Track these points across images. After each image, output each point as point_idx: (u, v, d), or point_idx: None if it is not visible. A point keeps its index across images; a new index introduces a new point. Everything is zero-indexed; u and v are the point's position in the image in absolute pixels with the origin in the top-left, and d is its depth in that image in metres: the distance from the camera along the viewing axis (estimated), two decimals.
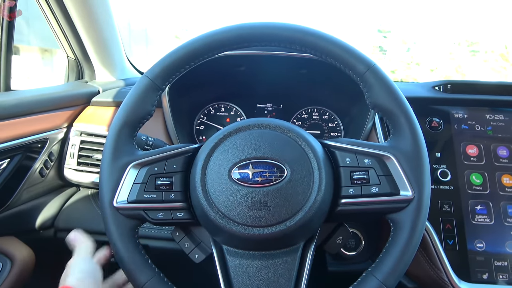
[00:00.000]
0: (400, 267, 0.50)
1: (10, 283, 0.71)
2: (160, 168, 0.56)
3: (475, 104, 0.85)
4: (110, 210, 0.54)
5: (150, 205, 0.55)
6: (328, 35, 0.56)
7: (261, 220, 0.50)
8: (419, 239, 0.52)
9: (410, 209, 0.52)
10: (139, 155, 0.57)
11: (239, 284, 0.53)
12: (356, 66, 0.55)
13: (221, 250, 0.55)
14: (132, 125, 0.57)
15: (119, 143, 0.56)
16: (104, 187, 0.55)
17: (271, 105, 1.06)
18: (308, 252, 0.55)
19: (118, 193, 0.55)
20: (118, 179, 0.55)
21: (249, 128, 0.56)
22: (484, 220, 0.75)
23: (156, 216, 0.55)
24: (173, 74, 0.58)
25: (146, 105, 0.58)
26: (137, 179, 0.55)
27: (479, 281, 0.72)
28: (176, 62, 0.57)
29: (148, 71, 0.58)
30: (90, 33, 1.03)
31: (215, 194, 0.52)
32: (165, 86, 0.59)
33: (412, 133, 0.54)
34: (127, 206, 0.54)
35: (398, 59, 10.93)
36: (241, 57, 0.88)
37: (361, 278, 0.52)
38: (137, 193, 0.55)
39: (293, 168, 0.52)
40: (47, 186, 0.90)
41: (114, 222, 0.54)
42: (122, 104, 0.58)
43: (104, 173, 0.56)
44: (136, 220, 0.55)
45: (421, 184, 0.52)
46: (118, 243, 0.54)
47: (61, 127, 0.91)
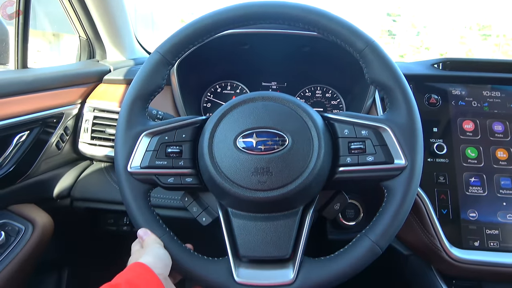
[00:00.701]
0: (392, 229, 0.54)
1: (33, 245, 0.76)
2: (170, 137, 0.60)
3: (473, 82, 0.86)
4: (124, 174, 0.59)
5: (161, 170, 0.59)
6: (330, 14, 0.59)
7: (264, 184, 0.54)
8: (410, 205, 0.55)
9: (403, 177, 0.55)
10: (151, 125, 0.61)
11: (243, 243, 0.57)
12: (356, 42, 0.58)
13: (227, 212, 0.60)
14: (144, 98, 0.61)
15: (132, 114, 0.61)
16: (119, 154, 0.60)
17: (276, 83, 1.09)
18: (307, 215, 0.59)
19: (132, 159, 0.59)
20: (132, 147, 0.59)
21: (253, 100, 0.59)
22: (477, 191, 0.78)
23: (167, 181, 0.59)
24: (183, 49, 0.61)
25: (157, 79, 0.61)
26: (149, 147, 0.60)
27: (470, 247, 0.75)
28: (186, 38, 0.61)
29: (159, 46, 0.61)
30: (101, 13, 1.06)
31: (221, 161, 0.56)
32: (175, 61, 0.62)
33: (407, 107, 0.57)
34: (140, 171, 0.59)
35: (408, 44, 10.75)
36: (245, 35, 0.91)
37: (355, 239, 0.56)
38: (149, 159, 0.59)
39: (294, 138, 0.56)
40: (63, 158, 0.95)
41: (128, 185, 0.59)
42: (135, 78, 0.62)
43: (119, 141, 0.60)
44: (148, 184, 0.60)
45: (413, 154, 0.56)
46: (132, 204, 0.59)
47: (75, 103, 0.95)
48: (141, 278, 0.49)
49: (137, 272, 0.49)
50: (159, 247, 0.56)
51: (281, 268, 0.56)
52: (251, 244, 0.57)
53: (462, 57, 0.89)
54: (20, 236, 0.76)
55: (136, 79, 0.61)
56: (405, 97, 0.57)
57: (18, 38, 0.88)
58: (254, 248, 0.57)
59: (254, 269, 0.57)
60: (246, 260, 0.58)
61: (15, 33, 0.89)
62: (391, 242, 0.56)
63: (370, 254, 0.54)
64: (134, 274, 0.49)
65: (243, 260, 0.58)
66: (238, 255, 0.58)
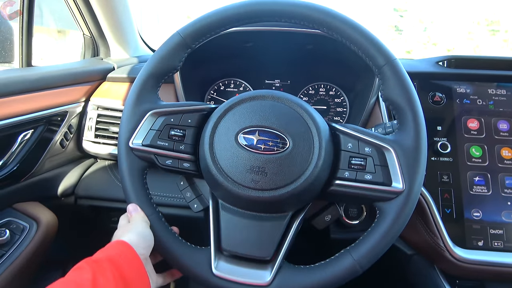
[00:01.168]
0: (375, 252, 0.54)
1: (37, 243, 0.77)
2: (176, 120, 0.61)
3: (478, 79, 0.85)
4: (125, 148, 0.60)
5: (162, 151, 0.60)
6: (354, 22, 0.58)
7: (257, 183, 0.54)
8: (399, 230, 0.55)
9: (397, 201, 0.54)
10: (160, 104, 0.62)
11: (226, 237, 0.58)
12: (377, 57, 0.57)
13: (217, 204, 0.60)
14: (158, 76, 0.62)
15: (143, 91, 0.61)
16: (123, 127, 0.61)
17: (279, 81, 1.08)
18: (295, 222, 0.59)
19: (135, 135, 0.60)
20: (137, 123, 0.60)
21: (263, 98, 0.59)
22: (481, 190, 0.78)
23: (165, 162, 0.60)
24: (204, 35, 0.62)
25: (174, 60, 0.62)
26: (153, 126, 0.61)
27: (474, 247, 0.74)
28: (208, 25, 0.61)
29: (181, 29, 0.62)
30: (105, 11, 1.06)
31: (220, 153, 0.56)
32: (194, 45, 0.62)
33: (416, 131, 0.56)
34: (141, 148, 0.60)
35: (414, 39, 10.65)
36: (248, 33, 0.90)
37: (339, 254, 0.56)
38: (151, 138, 0.60)
39: (296, 142, 0.55)
40: (67, 156, 0.96)
41: (127, 159, 0.60)
42: (152, 56, 0.62)
43: (126, 114, 0.61)
44: (147, 162, 0.61)
45: (413, 180, 0.54)
46: (127, 179, 0.60)
47: (79, 101, 0.95)
48: (123, 256, 0.49)
49: (120, 250, 0.50)
50: (145, 226, 0.56)
51: (259, 269, 0.57)
52: (234, 239, 0.58)
53: (467, 55, 0.88)
54: (24, 234, 0.77)
55: (153, 57, 0.62)
56: (415, 119, 0.56)
57: (23, 36, 0.89)
58: (237, 244, 0.57)
59: (233, 265, 0.57)
60: (227, 254, 0.58)
61: (20, 32, 0.89)
62: (385, 250, 0.55)
63: (349, 272, 0.54)
64: (116, 252, 0.50)
65: (224, 254, 0.59)
66: (220, 248, 0.58)
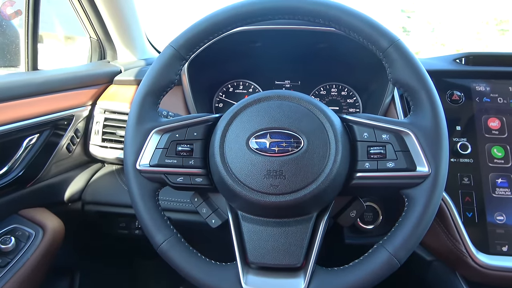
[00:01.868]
0: (412, 241, 0.51)
1: (43, 250, 0.75)
2: (181, 135, 0.58)
3: (498, 77, 0.82)
4: (133, 172, 0.58)
5: (171, 169, 0.57)
6: (352, 9, 0.56)
7: (276, 188, 0.52)
8: (432, 215, 0.52)
9: (425, 185, 0.52)
10: (162, 121, 0.59)
11: (252, 248, 0.55)
12: (379, 41, 0.55)
13: (237, 216, 0.57)
14: (156, 93, 0.60)
15: (143, 110, 0.59)
16: (128, 150, 0.58)
17: (289, 81, 1.06)
18: (321, 222, 0.56)
19: (141, 157, 0.57)
20: (142, 143, 0.58)
21: (268, 99, 0.57)
22: (505, 193, 0.74)
23: (176, 180, 0.57)
24: (197, 44, 0.60)
25: (170, 74, 0.60)
26: (159, 144, 0.58)
27: (498, 253, 0.71)
28: (200, 33, 0.59)
29: (172, 41, 0.60)
30: (111, 14, 1.05)
31: (233, 162, 0.54)
32: (189, 56, 0.61)
33: (433, 110, 0.53)
34: (149, 169, 0.57)
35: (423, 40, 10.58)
36: (256, 33, 0.88)
37: (372, 250, 0.53)
38: (158, 157, 0.57)
39: (310, 140, 0.53)
40: (74, 161, 0.94)
41: (136, 183, 0.57)
42: (147, 72, 0.60)
43: (129, 137, 0.59)
44: (157, 183, 0.58)
45: (438, 161, 0.52)
46: (139, 203, 0.57)
47: (85, 105, 0.94)
48: None
49: None
50: None
51: (291, 277, 0.54)
52: (261, 250, 0.55)
53: (486, 51, 0.84)
54: (30, 241, 0.75)
55: (148, 74, 0.60)
56: (430, 99, 0.54)
57: (28, 40, 0.88)
58: (264, 254, 0.55)
59: (263, 277, 0.54)
60: (255, 266, 0.56)
61: (25, 35, 0.88)
62: None
63: (387, 267, 0.51)
64: None
65: (252, 267, 0.56)
66: (247, 261, 0.55)
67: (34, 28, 0.88)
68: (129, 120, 0.59)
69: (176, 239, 0.57)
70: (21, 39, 0.90)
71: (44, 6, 0.91)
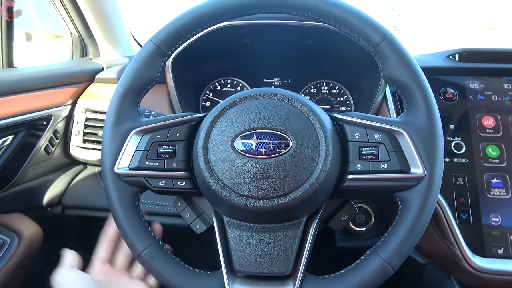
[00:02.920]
0: (406, 247, 0.49)
1: (18, 258, 0.71)
2: (163, 135, 0.55)
3: (492, 74, 0.81)
4: (111, 175, 0.54)
5: (152, 172, 0.54)
6: (342, 2, 0.54)
7: (263, 192, 0.49)
8: (427, 219, 0.50)
9: (420, 188, 0.50)
10: (142, 121, 0.56)
11: (238, 256, 0.52)
12: (371, 36, 0.53)
13: (222, 221, 0.55)
14: (136, 91, 0.56)
15: (122, 109, 0.56)
16: (105, 152, 0.55)
17: (279, 79, 1.03)
18: (311, 227, 0.53)
19: (119, 159, 0.54)
20: (120, 145, 0.55)
21: (255, 97, 0.54)
22: (500, 193, 0.73)
23: (157, 184, 0.54)
24: (179, 39, 0.57)
25: (151, 71, 0.56)
26: (139, 146, 0.55)
27: (494, 255, 0.70)
28: (183, 27, 0.56)
29: (153, 36, 0.57)
30: (92, 8, 1.01)
31: (217, 164, 0.51)
32: (171, 52, 0.58)
33: (427, 108, 0.51)
34: (128, 172, 0.54)
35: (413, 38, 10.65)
36: (244, 27, 0.85)
37: (364, 256, 0.51)
38: (139, 160, 0.54)
39: (299, 140, 0.50)
40: (53, 163, 0.90)
41: (115, 187, 0.54)
42: (126, 69, 0.57)
43: (106, 138, 0.55)
44: (137, 187, 0.55)
45: (433, 162, 0.50)
46: (118, 209, 0.54)
47: (65, 104, 0.90)
48: None
49: None
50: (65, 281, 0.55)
51: (280, 286, 0.51)
52: (247, 257, 0.52)
53: (480, 48, 0.82)
54: (4, 250, 0.71)
55: (127, 71, 0.56)
56: (424, 96, 0.51)
57: (2, 36, 0.83)
58: (250, 262, 0.52)
59: (250, 286, 0.52)
60: (241, 275, 0.53)
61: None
62: None
63: (380, 275, 0.49)
64: None
65: (238, 275, 0.53)
66: (233, 269, 0.52)
67: (8, 23, 0.84)
68: (106, 120, 0.56)
69: (157, 247, 0.53)
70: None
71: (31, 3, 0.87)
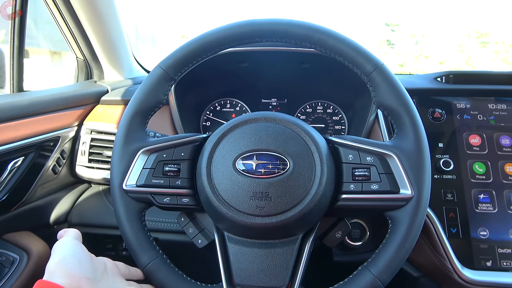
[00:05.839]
0: (395, 263, 0.52)
1: (27, 275, 0.73)
2: (168, 155, 0.59)
3: (478, 94, 0.85)
4: (119, 192, 0.58)
5: (158, 189, 0.57)
6: (337, 34, 0.58)
7: (262, 209, 0.52)
8: (415, 237, 0.53)
9: (408, 208, 0.53)
10: (150, 141, 0.60)
11: (237, 270, 0.55)
12: (364, 65, 0.57)
13: (223, 236, 0.58)
14: (144, 113, 0.60)
15: (131, 130, 0.59)
16: (114, 170, 0.58)
17: (276, 100, 1.07)
18: (307, 244, 0.56)
19: (128, 177, 0.57)
20: (129, 163, 0.58)
21: (255, 121, 0.57)
22: (487, 208, 0.76)
23: (163, 201, 0.58)
24: (186, 65, 0.60)
25: (158, 94, 0.60)
26: (146, 165, 0.58)
27: (482, 268, 0.72)
28: (189, 54, 0.59)
29: (161, 61, 0.60)
30: (97, 34, 1.05)
31: (219, 183, 0.54)
32: (177, 76, 0.61)
33: (415, 133, 0.55)
34: (135, 189, 0.57)
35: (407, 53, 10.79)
36: (243, 54, 0.89)
37: (356, 272, 0.54)
38: (145, 177, 0.57)
39: (296, 162, 0.54)
40: (60, 182, 0.93)
41: (123, 203, 0.57)
42: (136, 92, 0.60)
43: (116, 157, 0.59)
44: (144, 203, 0.58)
45: (420, 184, 0.53)
46: (125, 224, 0.57)
47: (72, 126, 0.93)
48: None
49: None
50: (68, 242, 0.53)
51: None
52: (246, 271, 0.55)
53: (465, 70, 0.87)
54: (15, 266, 0.73)
55: (136, 94, 0.60)
56: (413, 122, 0.55)
57: (14, 61, 0.87)
58: (249, 276, 0.55)
59: None
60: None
61: (10, 56, 0.87)
62: None
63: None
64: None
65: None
66: (232, 282, 0.55)
67: (19, 48, 0.88)
68: (116, 140, 0.59)
69: (161, 260, 0.57)
70: (6, 59, 0.89)
71: None
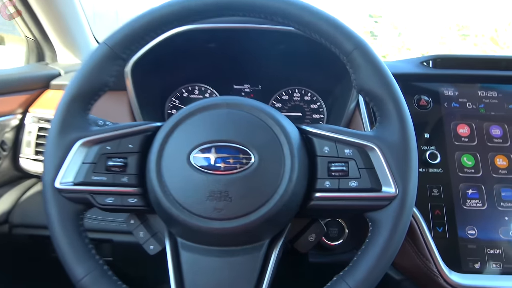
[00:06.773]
0: (375, 273, 0.46)
1: None
2: (113, 147, 0.50)
3: (467, 80, 0.79)
4: (51, 191, 0.49)
5: (98, 188, 0.49)
6: (314, 8, 0.50)
7: (220, 212, 0.45)
8: (399, 243, 0.47)
9: (391, 208, 0.47)
10: (91, 131, 0.51)
11: (191, 283, 0.47)
12: (343, 43, 0.49)
13: (175, 243, 0.50)
14: (85, 97, 0.51)
15: (68, 116, 0.50)
16: (46, 164, 0.50)
17: (249, 86, 0.99)
18: (274, 250, 0.50)
19: (63, 173, 0.49)
20: (63, 157, 0.49)
21: (216, 106, 0.50)
22: (476, 205, 0.71)
23: (104, 201, 0.50)
24: (136, 41, 0.52)
25: (103, 75, 0.51)
26: (86, 159, 0.50)
27: (470, 270, 0.68)
28: (139, 29, 0.51)
29: (107, 37, 0.52)
30: (45, 10, 0.95)
31: (170, 180, 0.47)
32: (126, 55, 0.53)
33: (401, 123, 0.48)
34: (71, 188, 0.49)
35: (390, 44, 10.90)
36: (208, 31, 0.80)
37: (331, 283, 0.47)
38: (85, 174, 0.49)
39: (262, 155, 0.47)
40: (1, 177, 0.83)
41: (55, 205, 0.49)
42: (76, 73, 0.52)
43: (49, 148, 0.50)
44: (81, 204, 0.50)
45: (406, 180, 0.47)
46: (57, 229, 0.48)
47: (14, 113, 0.83)
48: None
49: None
50: None
51: None
52: (202, 284, 0.47)
53: (454, 54, 0.80)
54: None
55: (76, 75, 0.51)
56: (398, 110, 0.48)
57: None
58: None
59: None
60: None
61: None
62: None
63: None
64: None
65: None
66: None
67: None
68: (50, 129, 0.50)
69: (100, 273, 0.48)
70: None
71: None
